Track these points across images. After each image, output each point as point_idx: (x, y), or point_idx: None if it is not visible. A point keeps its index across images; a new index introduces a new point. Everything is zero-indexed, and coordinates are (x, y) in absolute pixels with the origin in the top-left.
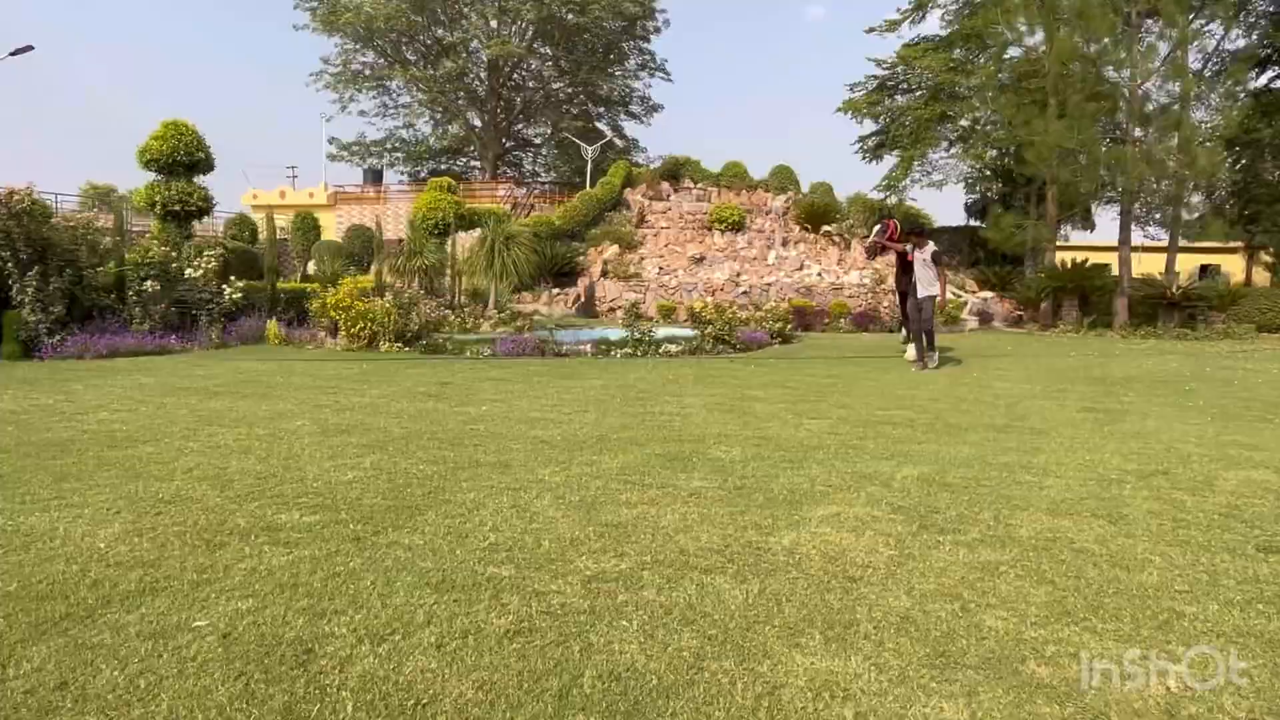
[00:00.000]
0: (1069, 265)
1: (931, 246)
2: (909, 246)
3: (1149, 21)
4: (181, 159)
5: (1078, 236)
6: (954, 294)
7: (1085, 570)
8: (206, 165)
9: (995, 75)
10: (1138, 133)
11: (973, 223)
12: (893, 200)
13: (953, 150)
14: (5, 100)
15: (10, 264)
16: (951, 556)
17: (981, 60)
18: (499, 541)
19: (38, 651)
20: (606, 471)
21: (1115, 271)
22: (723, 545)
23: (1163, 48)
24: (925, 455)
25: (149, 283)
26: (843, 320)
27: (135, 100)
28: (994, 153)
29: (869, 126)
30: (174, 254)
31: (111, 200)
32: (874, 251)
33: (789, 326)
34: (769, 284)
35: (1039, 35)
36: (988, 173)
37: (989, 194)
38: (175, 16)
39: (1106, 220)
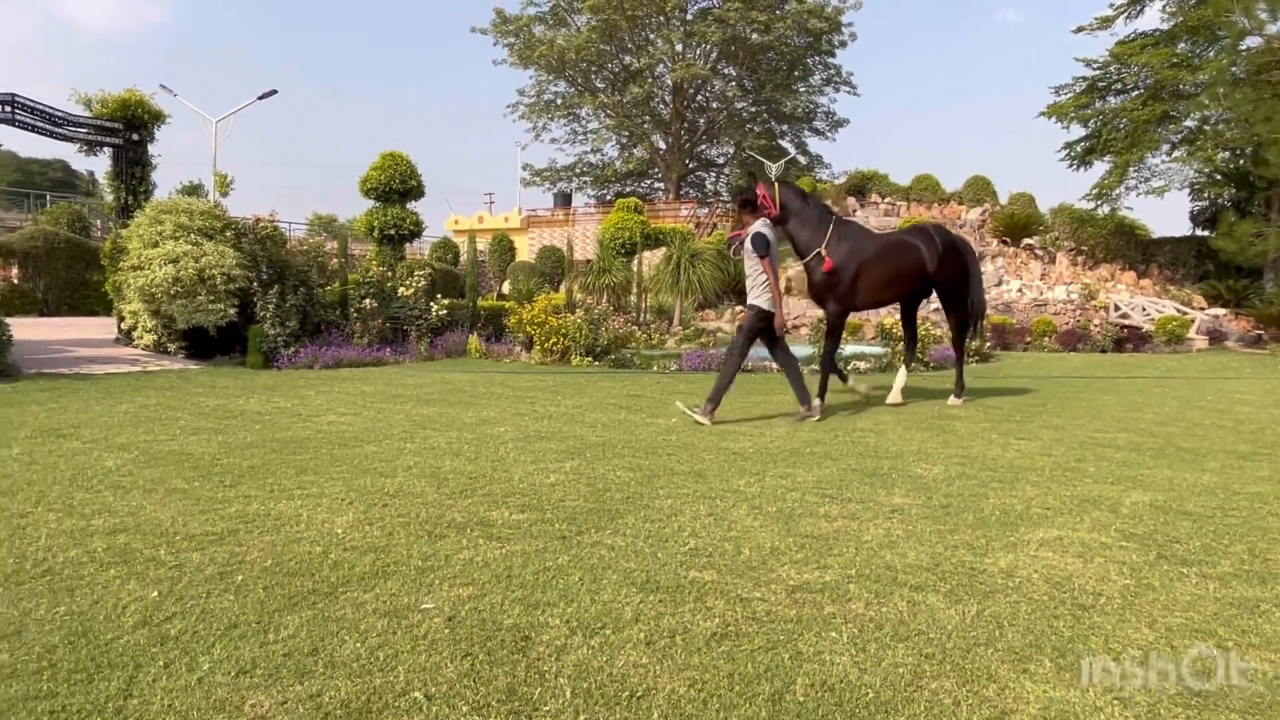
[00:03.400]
0: None
1: (756, 227)
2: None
3: None
4: (396, 187)
5: None
6: (1177, 310)
7: None
8: (418, 192)
9: (1229, 69)
10: None
11: (1200, 232)
12: (1102, 210)
13: (1175, 154)
14: (254, 140)
15: (255, 283)
16: (1199, 590)
17: (1211, 54)
18: (699, 547)
19: (292, 620)
20: (802, 484)
21: None
22: (932, 563)
23: None
24: (1157, 481)
25: (367, 300)
26: (1047, 339)
27: (354, 139)
28: (1225, 154)
29: (1077, 132)
30: (389, 274)
31: (333, 228)
32: (735, 245)
33: (987, 345)
34: None
35: None
36: (1218, 177)
37: (1219, 200)
38: (392, 61)
39: None
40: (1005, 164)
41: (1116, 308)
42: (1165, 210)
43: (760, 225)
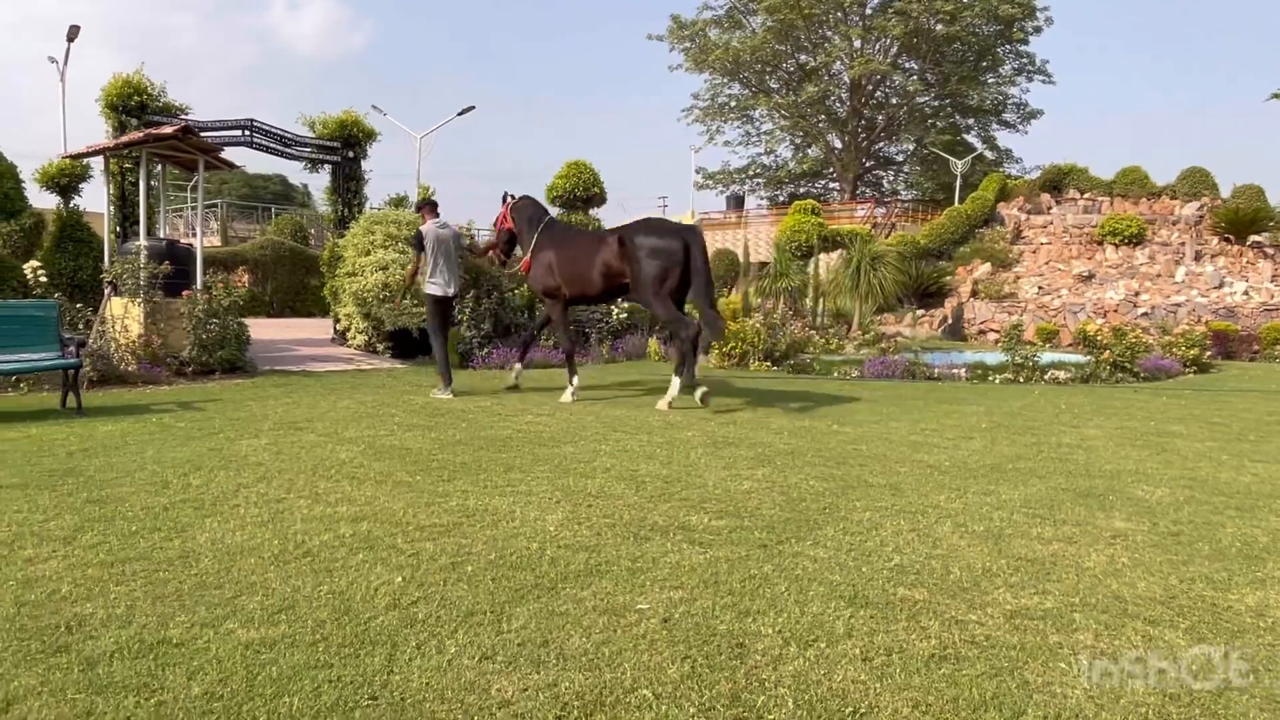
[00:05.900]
0: None
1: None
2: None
3: None
4: (580, 194)
5: None
6: None
7: None
8: (600, 199)
9: None
10: None
11: None
12: None
13: None
14: (446, 152)
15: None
16: None
17: None
18: (904, 564)
19: (521, 612)
20: (1008, 503)
21: None
22: (1166, 596)
23: None
24: None
25: None
26: (1279, 347)
27: (533, 145)
28: None
29: None
30: None
31: None
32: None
33: (1206, 353)
34: (1177, 304)
35: None
36: None
37: None
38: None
39: None
40: (1228, 154)
41: None
42: None
43: (428, 224)
